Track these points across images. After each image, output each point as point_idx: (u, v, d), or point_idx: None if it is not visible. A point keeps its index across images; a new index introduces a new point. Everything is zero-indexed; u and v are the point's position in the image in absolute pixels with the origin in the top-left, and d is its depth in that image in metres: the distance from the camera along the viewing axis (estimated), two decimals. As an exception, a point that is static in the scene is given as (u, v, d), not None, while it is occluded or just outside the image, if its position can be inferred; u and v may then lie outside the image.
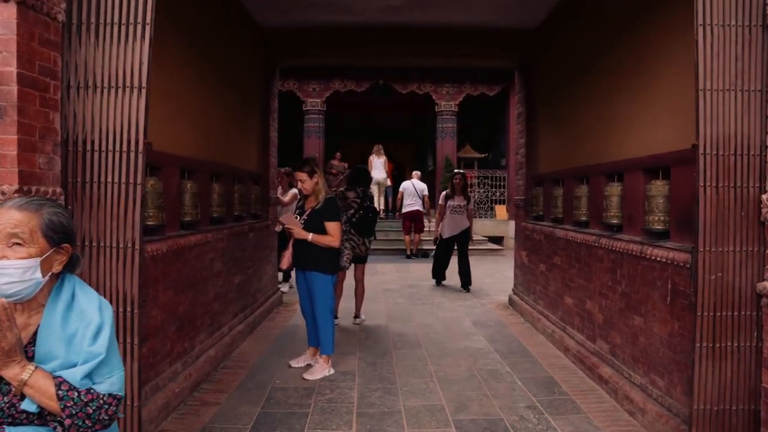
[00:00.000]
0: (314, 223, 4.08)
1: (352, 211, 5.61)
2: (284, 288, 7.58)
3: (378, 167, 13.23)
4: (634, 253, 3.50)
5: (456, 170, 7.60)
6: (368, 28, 6.15)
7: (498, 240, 13.81)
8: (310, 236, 4.03)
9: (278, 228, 4.38)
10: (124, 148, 2.47)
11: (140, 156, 2.48)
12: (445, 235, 7.72)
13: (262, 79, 6.25)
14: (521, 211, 6.42)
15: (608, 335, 3.89)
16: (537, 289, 5.73)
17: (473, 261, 11.13)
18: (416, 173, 11.82)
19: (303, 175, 4.11)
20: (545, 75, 5.82)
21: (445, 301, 7.10)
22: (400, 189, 11.55)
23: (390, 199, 14.86)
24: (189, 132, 4.18)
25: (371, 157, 13.91)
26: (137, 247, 2.47)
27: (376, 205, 13.72)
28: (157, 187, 3.54)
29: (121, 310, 2.45)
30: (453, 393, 3.81)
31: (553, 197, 5.39)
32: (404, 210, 11.26)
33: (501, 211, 14.14)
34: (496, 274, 9.48)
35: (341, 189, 5.86)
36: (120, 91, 2.48)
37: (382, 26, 6.12)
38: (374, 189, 13.52)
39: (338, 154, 13.78)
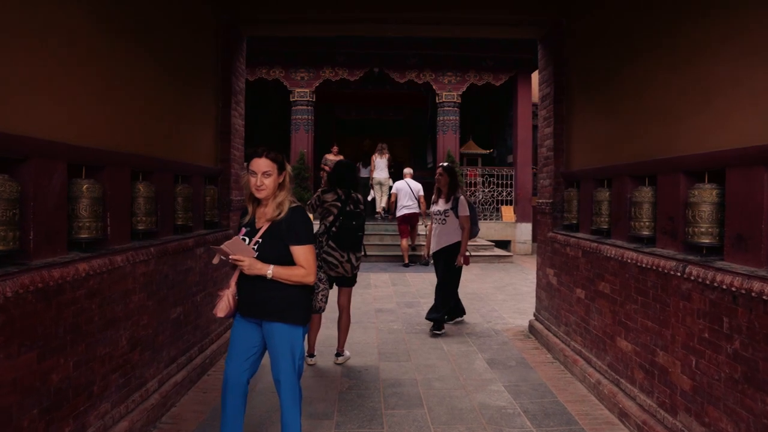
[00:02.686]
0: (273, 248, 2.55)
1: (331, 218, 4.34)
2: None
3: (381, 167, 11.98)
4: (761, 295, 2.21)
5: (442, 163, 5.43)
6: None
7: (504, 245, 12.54)
8: (269, 271, 2.48)
9: (215, 260, 2.76)
10: None
11: None
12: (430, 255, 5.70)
13: (219, 50, 4.94)
14: (547, 218, 5.13)
15: (704, 412, 2.61)
16: (571, 320, 4.45)
17: (478, 270, 9.92)
18: (408, 171, 10.69)
19: (265, 164, 2.52)
20: (586, 42, 4.52)
21: (450, 327, 5.81)
22: (393, 190, 10.44)
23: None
24: (90, 111, 2.88)
25: (374, 156, 12.64)
26: None
27: (379, 207, 12.61)
28: (10, 190, 2.24)
29: None
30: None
31: (595, 202, 4.11)
32: (399, 213, 9.97)
33: (508, 212, 12.86)
34: (507, 288, 8.19)
35: (318, 191, 4.56)
36: None
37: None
38: (376, 190, 12.29)
39: (335, 148, 12.44)
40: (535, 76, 13.03)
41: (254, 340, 2.67)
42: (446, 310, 5.56)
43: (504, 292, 7.89)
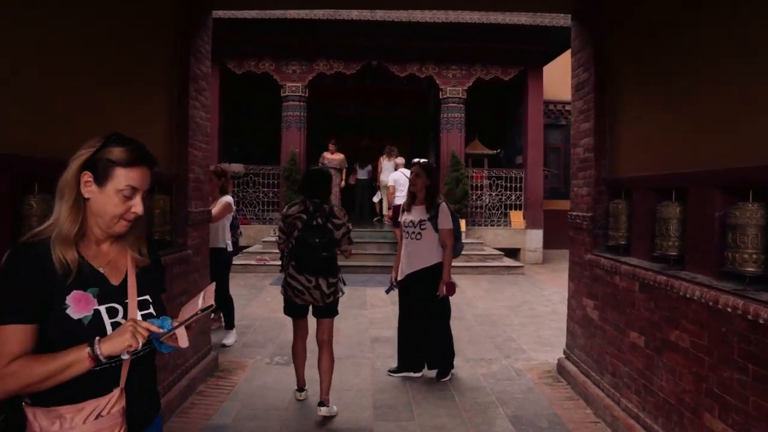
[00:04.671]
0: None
1: (296, 233, 3.53)
2: (228, 339, 5.28)
3: (388, 170, 11.07)
4: None
5: (417, 159, 4.22)
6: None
7: (513, 253, 11.52)
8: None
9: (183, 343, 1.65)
10: None
11: None
12: (400, 278, 4.42)
13: (174, 25, 3.92)
14: (584, 235, 4.12)
15: None
16: (621, 370, 3.44)
17: (486, 284, 8.58)
18: (400, 160, 10.05)
19: (148, 177, 1.48)
20: (642, 14, 3.51)
21: (461, 363, 4.80)
22: (390, 183, 9.93)
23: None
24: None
25: (381, 158, 11.70)
26: None
27: (386, 210, 11.64)
28: None
29: None
30: None
31: (659, 219, 3.10)
32: (397, 202, 9.25)
33: (517, 218, 11.84)
34: (522, 308, 7.17)
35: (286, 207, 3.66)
36: None
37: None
38: (383, 193, 11.46)
39: (333, 145, 11.37)
40: (547, 70, 12.02)
41: None
42: (449, 346, 4.47)
43: (519, 313, 6.88)
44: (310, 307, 3.71)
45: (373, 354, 5.08)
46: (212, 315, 5.71)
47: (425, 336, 4.39)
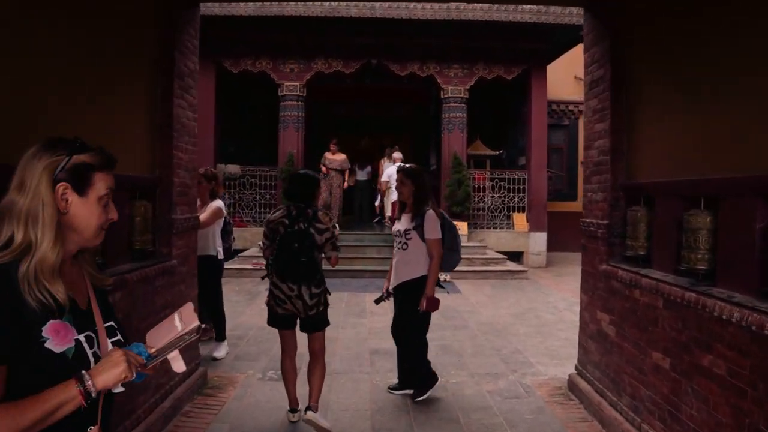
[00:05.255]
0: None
1: (278, 239, 3.36)
2: (218, 352, 4.99)
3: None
4: None
5: (402, 164, 3.88)
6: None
7: (516, 256, 11.23)
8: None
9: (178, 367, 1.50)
10: None
11: None
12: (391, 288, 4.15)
13: (152, 13, 3.62)
14: (599, 244, 3.83)
15: None
16: (642, 393, 3.15)
17: (489, 289, 8.29)
18: (398, 155, 9.86)
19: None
20: (664, 3, 3.23)
21: (466, 379, 4.52)
22: (384, 178, 9.94)
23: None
24: None
25: (382, 160, 11.43)
26: None
27: (388, 212, 11.41)
28: None
29: None
30: None
31: (686, 230, 2.81)
32: (395, 197, 9.03)
33: (520, 220, 11.56)
34: (528, 316, 6.88)
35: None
36: None
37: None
38: (387, 199, 11.24)
39: (334, 145, 11.03)
40: (551, 69, 11.74)
41: None
42: (426, 369, 4.05)
43: (525, 321, 6.59)
44: (298, 321, 3.52)
45: (372, 368, 4.79)
46: (202, 326, 5.42)
47: (403, 352, 4.09)
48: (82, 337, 1.22)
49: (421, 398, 3.98)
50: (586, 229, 4.04)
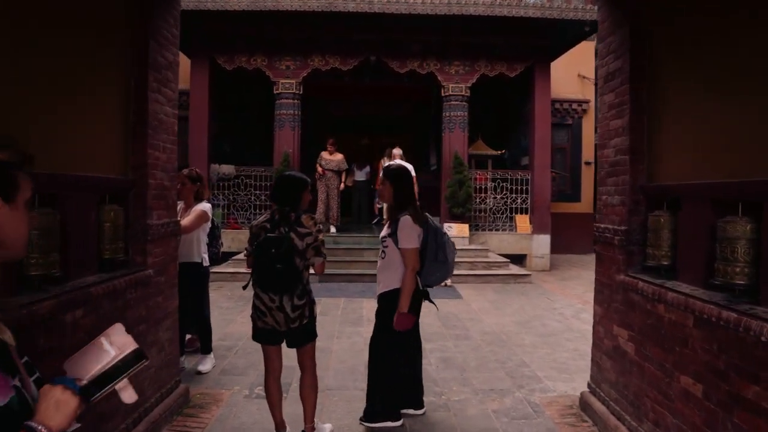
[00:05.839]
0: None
1: (256, 245, 3.10)
2: (204, 366, 4.66)
3: None
4: None
5: (391, 162, 3.45)
6: None
7: (519, 259, 10.90)
8: None
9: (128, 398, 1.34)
10: None
11: None
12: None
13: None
14: (615, 252, 3.49)
15: None
16: (668, 421, 2.81)
17: (492, 294, 7.52)
18: (398, 151, 9.56)
19: None
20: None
21: (469, 396, 4.18)
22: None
23: None
24: None
25: (382, 160, 11.09)
26: None
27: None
28: None
29: None
30: None
31: (722, 239, 2.48)
32: None
33: (523, 222, 11.22)
34: (533, 324, 6.55)
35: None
36: None
37: None
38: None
39: (331, 146, 10.54)
40: (554, 67, 11.40)
41: None
42: (382, 397, 3.55)
43: (530, 330, 6.25)
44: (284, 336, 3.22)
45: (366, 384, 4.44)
46: (187, 336, 5.10)
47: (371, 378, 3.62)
48: (17, 380, 1.06)
49: (370, 425, 3.54)
50: (600, 235, 3.70)
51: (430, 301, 3.59)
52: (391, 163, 9.69)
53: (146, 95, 3.33)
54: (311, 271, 3.23)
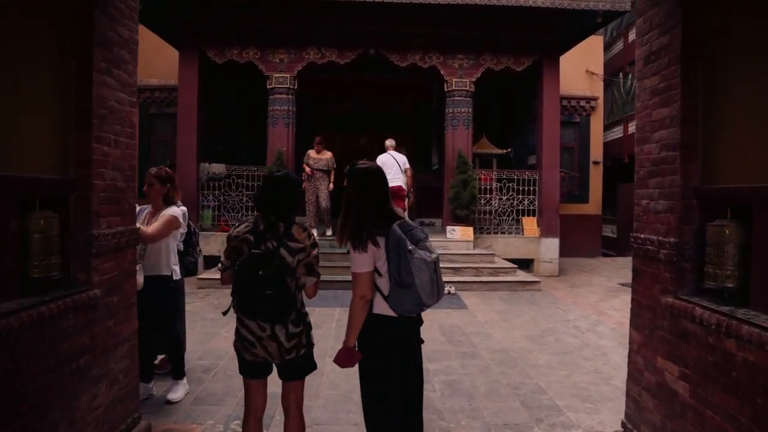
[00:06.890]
0: None
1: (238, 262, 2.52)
2: (174, 394, 4.04)
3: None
4: None
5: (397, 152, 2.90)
6: None
7: (526, 264, 10.30)
8: None
9: None
10: None
11: None
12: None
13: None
14: (661, 268, 2.88)
15: None
16: (741, 488, 2.21)
17: (499, 303, 6.65)
18: (390, 143, 9.21)
19: None
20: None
21: (480, 434, 3.58)
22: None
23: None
24: None
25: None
26: None
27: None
28: None
29: None
30: None
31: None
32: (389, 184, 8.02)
33: (530, 225, 10.62)
34: (547, 339, 5.93)
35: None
36: None
37: None
38: None
39: (318, 143, 9.74)
40: (562, 62, 10.76)
41: None
42: None
43: (544, 347, 5.64)
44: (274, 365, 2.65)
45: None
46: (158, 357, 4.50)
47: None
48: None
49: None
50: (640, 247, 3.10)
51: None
52: (392, 152, 9.12)
53: (90, 77, 2.73)
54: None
